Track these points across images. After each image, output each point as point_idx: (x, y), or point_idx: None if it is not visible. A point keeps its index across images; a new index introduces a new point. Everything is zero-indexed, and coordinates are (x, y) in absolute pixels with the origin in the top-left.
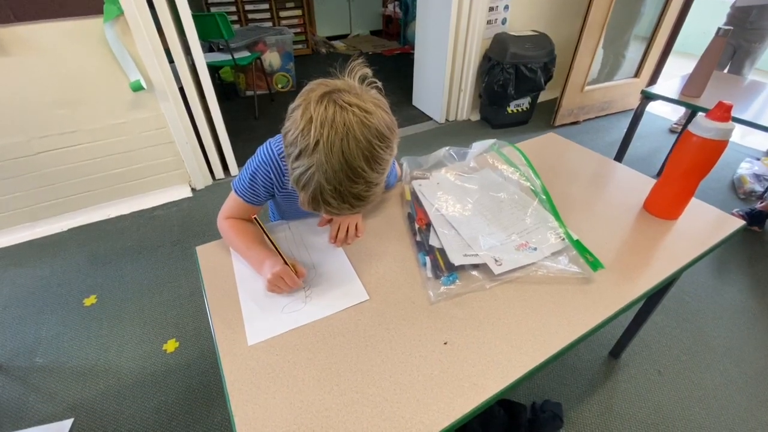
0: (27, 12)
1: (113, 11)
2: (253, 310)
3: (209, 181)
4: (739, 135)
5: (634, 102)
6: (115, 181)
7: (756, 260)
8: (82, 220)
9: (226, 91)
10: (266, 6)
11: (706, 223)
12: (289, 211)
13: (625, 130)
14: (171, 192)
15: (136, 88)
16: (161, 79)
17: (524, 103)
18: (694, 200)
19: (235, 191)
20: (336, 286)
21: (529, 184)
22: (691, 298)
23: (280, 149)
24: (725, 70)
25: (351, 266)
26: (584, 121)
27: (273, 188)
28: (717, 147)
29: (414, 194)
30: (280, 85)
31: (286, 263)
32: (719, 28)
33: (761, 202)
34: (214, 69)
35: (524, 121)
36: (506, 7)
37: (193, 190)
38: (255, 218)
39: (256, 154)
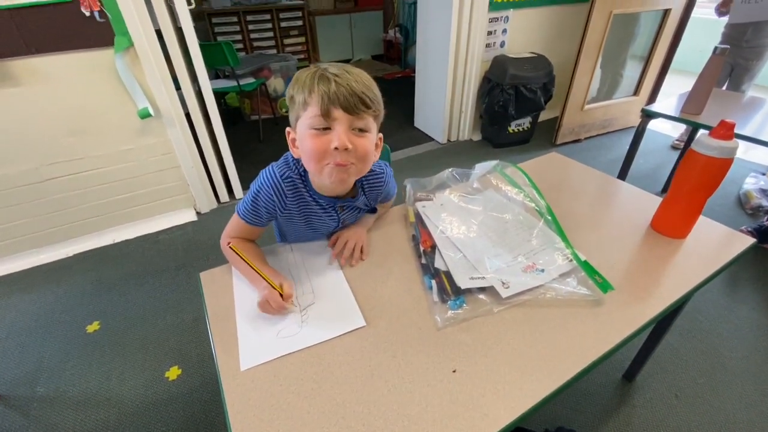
0: (40, 44)
1: (124, 43)
2: (248, 334)
3: (214, 204)
4: (742, 150)
5: (635, 119)
6: (121, 207)
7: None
8: (88, 245)
9: (231, 116)
10: (271, 34)
11: (715, 241)
12: (291, 234)
13: (627, 147)
14: (176, 216)
15: (144, 115)
16: (168, 106)
17: (525, 122)
18: (702, 218)
19: (238, 213)
20: (333, 311)
21: (533, 204)
22: (703, 317)
23: (282, 171)
24: (723, 87)
25: (350, 291)
26: (586, 139)
27: (275, 210)
28: (722, 165)
29: (418, 216)
30: (284, 110)
31: (274, 287)
32: (716, 47)
33: None
34: (219, 95)
35: (526, 140)
36: (504, 31)
37: (198, 213)
38: (230, 245)
39: (258, 176)
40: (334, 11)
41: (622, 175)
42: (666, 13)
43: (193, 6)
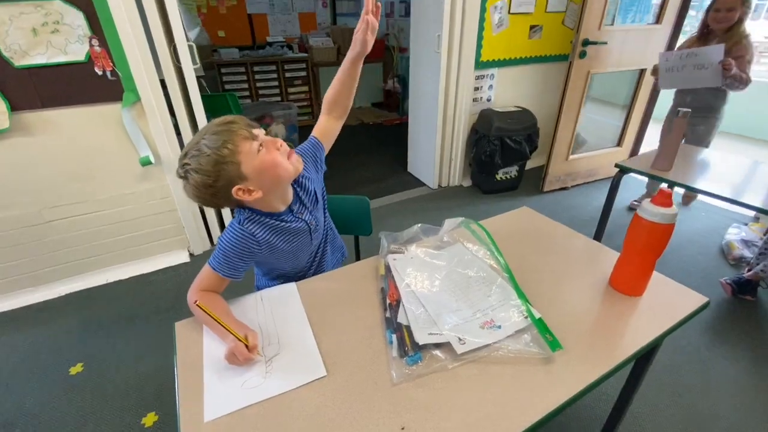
0: (54, 99)
1: (131, 98)
2: (214, 385)
3: (207, 246)
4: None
5: None
6: (117, 247)
7: (750, 331)
8: (81, 285)
9: None
10: (276, 83)
11: (669, 299)
12: (281, 262)
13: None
14: (170, 257)
15: (145, 163)
16: (169, 154)
17: (512, 170)
18: (659, 276)
19: (213, 268)
20: (296, 361)
21: (493, 261)
22: (684, 371)
23: (239, 221)
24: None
25: (314, 340)
26: (572, 186)
27: (251, 254)
28: (665, 230)
29: (388, 269)
30: None
31: (239, 338)
32: (678, 110)
33: (748, 270)
34: None
35: (514, 186)
36: (490, 87)
37: (191, 255)
38: (197, 303)
39: (222, 236)
40: (337, 63)
41: (601, 226)
42: (642, 71)
43: (198, 65)
